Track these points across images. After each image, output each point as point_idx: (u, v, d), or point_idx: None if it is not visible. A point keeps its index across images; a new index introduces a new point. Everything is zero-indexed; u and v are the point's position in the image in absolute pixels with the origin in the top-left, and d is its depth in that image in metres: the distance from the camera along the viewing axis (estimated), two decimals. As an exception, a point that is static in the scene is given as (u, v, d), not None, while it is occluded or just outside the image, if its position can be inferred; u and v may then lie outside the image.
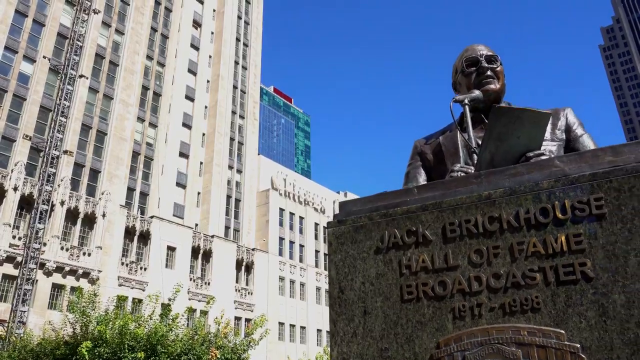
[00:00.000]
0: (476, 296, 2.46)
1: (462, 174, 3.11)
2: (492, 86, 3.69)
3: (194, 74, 79.61)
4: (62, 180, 54.98)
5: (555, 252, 2.37)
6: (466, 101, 3.42)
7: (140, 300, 55.36)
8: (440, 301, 2.52)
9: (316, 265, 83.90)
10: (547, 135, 3.54)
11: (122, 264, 58.80)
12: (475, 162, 3.14)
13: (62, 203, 54.61)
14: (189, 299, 60.35)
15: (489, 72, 3.71)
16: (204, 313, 43.90)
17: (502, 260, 2.46)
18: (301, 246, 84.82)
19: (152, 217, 63.83)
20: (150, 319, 24.06)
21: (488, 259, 2.49)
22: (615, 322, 2.19)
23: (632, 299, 2.18)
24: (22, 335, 42.03)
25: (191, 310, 35.65)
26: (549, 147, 3.49)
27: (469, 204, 2.59)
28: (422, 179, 3.81)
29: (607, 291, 2.23)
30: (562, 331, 2.26)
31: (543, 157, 2.86)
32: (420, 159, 3.89)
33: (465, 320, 2.45)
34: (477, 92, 3.58)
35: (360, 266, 2.74)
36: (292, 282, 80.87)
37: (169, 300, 25.64)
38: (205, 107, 79.77)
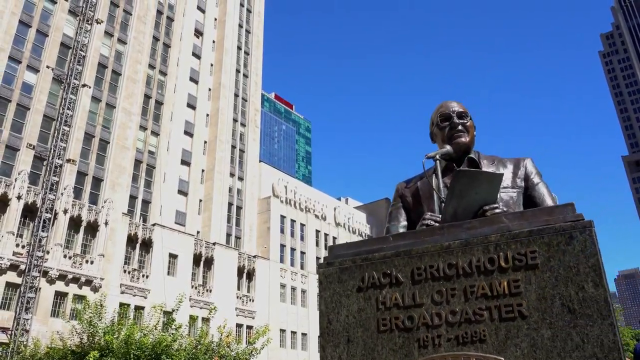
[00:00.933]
0: (437, 329, 3.03)
1: (432, 222, 3.69)
2: (463, 139, 4.26)
3: (196, 82, 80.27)
4: (65, 189, 55.51)
5: (499, 294, 2.95)
6: (437, 157, 4.01)
7: (142, 308, 55.89)
8: (409, 332, 3.09)
9: (317, 273, 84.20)
10: (509, 183, 4.13)
11: (125, 271, 59.27)
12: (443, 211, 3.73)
13: (65, 211, 55.11)
14: (191, 306, 60.89)
15: (460, 127, 4.28)
16: (206, 320, 44.33)
17: (457, 300, 3.04)
18: (302, 253, 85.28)
19: (154, 224, 64.35)
20: (155, 328, 24.54)
21: (447, 298, 3.06)
22: (542, 352, 2.76)
23: (556, 334, 2.75)
24: (24, 342, 42.63)
25: (193, 319, 36.13)
26: (510, 193, 4.08)
27: (433, 252, 3.17)
28: (403, 218, 4.38)
29: (537, 327, 2.81)
30: (502, 358, 2.83)
31: (497, 210, 3.44)
32: (401, 200, 4.46)
33: (428, 349, 3.02)
34: (447, 148, 4.16)
35: (345, 302, 3.32)
36: (293, 289, 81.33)
37: (172, 310, 26.10)
38: (207, 115, 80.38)
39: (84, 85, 59.45)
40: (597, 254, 2.80)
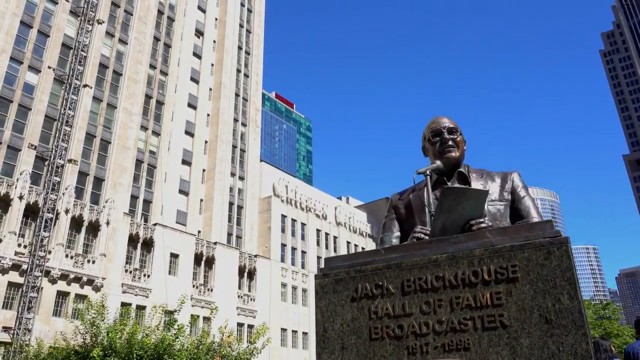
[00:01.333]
0: (425, 337, 3.24)
1: (422, 235, 3.90)
2: (453, 154, 4.47)
3: (197, 82, 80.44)
4: (66, 189, 55.71)
5: (482, 305, 3.16)
6: (428, 172, 4.22)
7: (143, 308, 56.10)
8: (399, 340, 3.31)
9: (318, 272, 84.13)
10: (496, 196, 4.34)
11: (126, 271, 59.47)
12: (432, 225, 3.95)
13: (67, 211, 55.31)
14: (192, 306, 61.05)
15: (450, 142, 4.48)
16: (207, 320, 44.49)
17: (444, 310, 3.25)
18: (303, 252, 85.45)
19: (155, 224, 64.54)
20: (158, 329, 24.74)
21: (434, 309, 3.28)
22: (521, 359, 2.98)
23: (534, 342, 2.97)
24: (27, 341, 42.87)
25: (195, 319, 36.30)
26: (497, 206, 4.29)
27: (422, 265, 3.38)
28: (396, 229, 4.58)
29: (517, 336, 3.02)
30: (485, 365, 3.05)
31: (482, 225, 3.66)
32: (394, 212, 4.67)
33: (416, 356, 3.23)
34: (437, 163, 4.36)
35: (339, 311, 3.53)
36: (294, 288, 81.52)
37: (174, 311, 26.30)
38: (208, 115, 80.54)
39: (85, 86, 59.66)
40: (572, 269, 3.02)
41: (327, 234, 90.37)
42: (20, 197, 52.41)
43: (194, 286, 65.45)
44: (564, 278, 3.01)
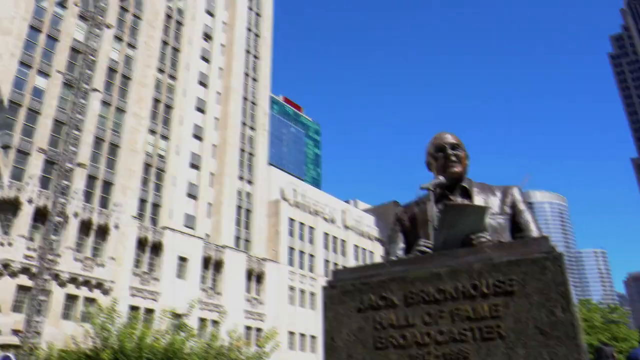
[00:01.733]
0: (427, 347, 3.42)
1: (425, 249, 4.09)
2: (456, 169, 4.66)
3: (205, 86, 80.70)
4: (75, 193, 56.08)
5: (481, 316, 3.33)
6: (431, 187, 4.40)
7: (152, 311, 56.38)
8: (402, 349, 3.49)
9: (326, 275, 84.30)
10: (497, 209, 4.52)
11: (135, 274, 59.78)
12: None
13: (76, 215, 55.67)
14: (201, 309, 61.28)
15: (453, 157, 4.67)
16: (216, 323, 44.64)
17: (445, 321, 3.43)
18: (311, 256, 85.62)
19: (163, 228, 64.83)
20: (168, 333, 24.95)
21: (436, 320, 3.46)
22: (518, 369, 3.16)
23: (529, 353, 3.14)
24: (37, 344, 43.18)
25: (204, 324, 36.52)
26: (498, 219, 4.47)
27: (424, 278, 3.57)
28: (401, 241, 4.76)
29: (513, 346, 3.19)
30: (483, 375, 3.23)
31: (482, 239, 3.84)
32: (399, 224, 4.85)
33: (418, 364, 3.42)
34: (440, 178, 4.54)
35: (346, 321, 3.72)
36: (302, 291, 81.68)
37: (183, 315, 26.50)
38: (216, 118, 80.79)
39: (94, 90, 60.08)
40: (566, 283, 3.19)
41: (335, 238, 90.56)
42: (30, 201, 52.80)
43: (202, 290, 65.69)
44: (558, 292, 3.18)
